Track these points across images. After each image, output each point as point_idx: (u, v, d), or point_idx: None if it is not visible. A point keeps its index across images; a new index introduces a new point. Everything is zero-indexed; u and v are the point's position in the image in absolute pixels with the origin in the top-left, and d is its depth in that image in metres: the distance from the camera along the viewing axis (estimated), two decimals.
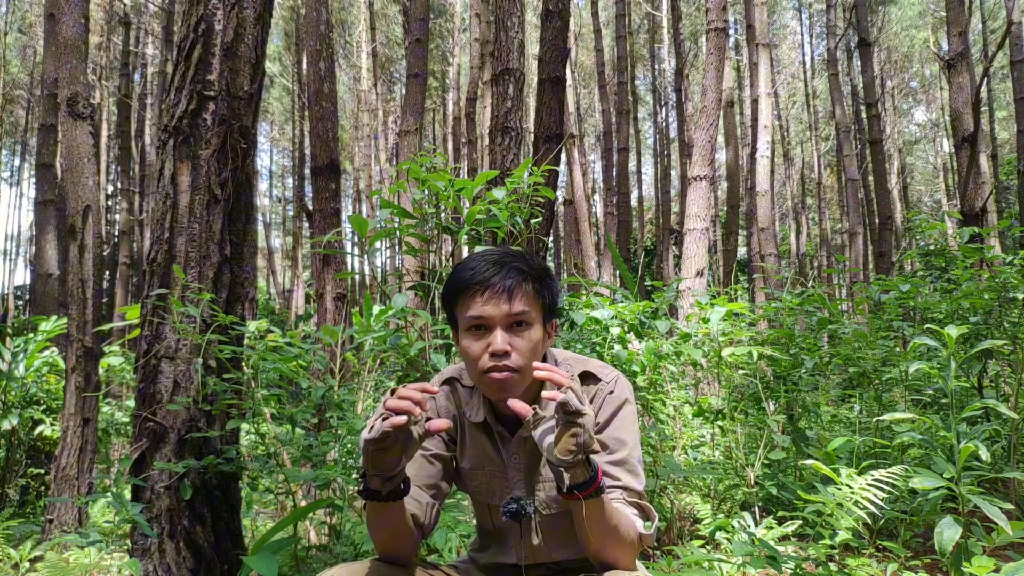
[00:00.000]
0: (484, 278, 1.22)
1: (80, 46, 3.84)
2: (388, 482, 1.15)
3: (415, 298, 6.51)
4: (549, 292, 1.28)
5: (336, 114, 7.00)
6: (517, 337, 1.23)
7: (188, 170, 2.58)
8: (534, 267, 1.27)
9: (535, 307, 1.25)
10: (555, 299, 1.30)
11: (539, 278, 1.27)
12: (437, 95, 27.05)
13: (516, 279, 1.23)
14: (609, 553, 1.19)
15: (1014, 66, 11.81)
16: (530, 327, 1.24)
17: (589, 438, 1.04)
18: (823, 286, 7.38)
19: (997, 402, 2.07)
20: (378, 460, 1.10)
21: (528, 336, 1.23)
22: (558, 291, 1.32)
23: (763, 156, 10.21)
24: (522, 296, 1.23)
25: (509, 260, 1.25)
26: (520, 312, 1.22)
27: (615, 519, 1.16)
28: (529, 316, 1.24)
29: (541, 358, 1.28)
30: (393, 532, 1.24)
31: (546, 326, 1.29)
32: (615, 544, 1.18)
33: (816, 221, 30.69)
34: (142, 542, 2.40)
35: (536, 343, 1.24)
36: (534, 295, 1.25)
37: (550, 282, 1.29)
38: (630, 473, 1.27)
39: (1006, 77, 23.87)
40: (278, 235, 37.52)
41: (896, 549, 2.36)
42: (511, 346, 1.22)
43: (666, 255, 19.50)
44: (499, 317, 1.22)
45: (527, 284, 1.24)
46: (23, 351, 4.53)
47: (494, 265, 1.24)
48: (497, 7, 5.06)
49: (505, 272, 1.23)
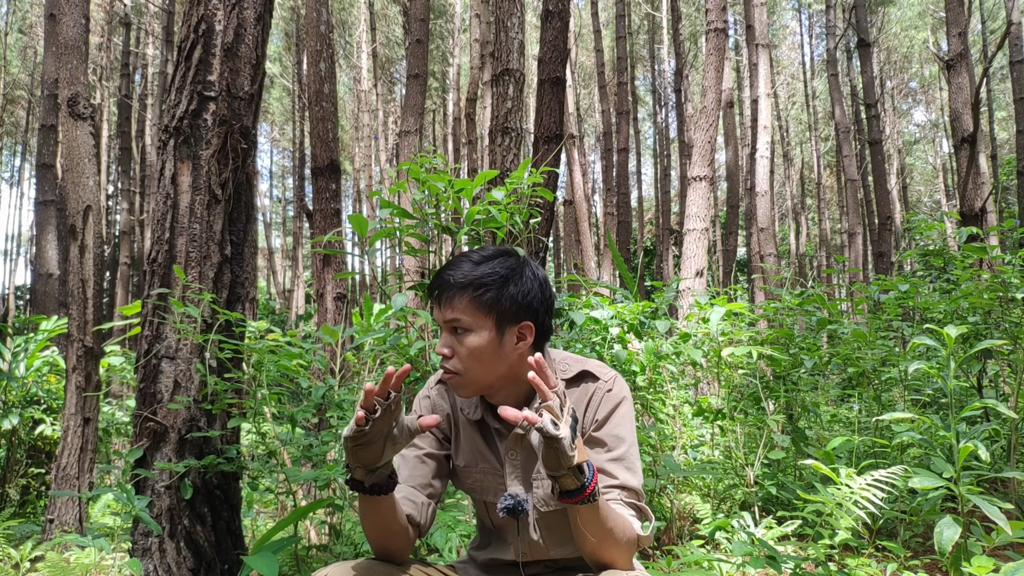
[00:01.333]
0: (437, 283, 1.28)
1: (80, 46, 3.84)
2: (371, 475, 1.17)
3: (415, 298, 6.51)
4: (501, 297, 1.25)
5: (336, 114, 7.01)
6: (456, 342, 1.26)
7: (188, 170, 2.59)
8: (479, 274, 1.25)
9: (473, 314, 1.24)
10: (514, 301, 1.27)
11: (481, 285, 1.25)
12: (437, 95, 27.05)
13: (456, 288, 1.25)
14: (606, 555, 1.20)
15: (1014, 66, 11.83)
16: (468, 333, 1.25)
17: (567, 457, 1.06)
18: (822, 286, 7.38)
19: (997, 402, 2.07)
20: (359, 454, 1.14)
21: (466, 343, 1.25)
22: (525, 293, 1.28)
23: (763, 156, 10.21)
24: (457, 303, 1.25)
25: (457, 266, 1.28)
26: (453, 319, 1.25)
27: (611, 521, 1.17)
28: (465, 323, 1.25)
29: (497, 362, 1.27)
30: (384, 528, 1.25)
31: (503, 330, 1.27)
32: (611, 546, 1.18)
33: (816, 221, 30.68)
34: (142, 542, 2.40)
35: (475, 349, 1.24)
36: (469, 302, 1.24)
37: (506, 287, 1.26)
38: (628, 470, 1.28)
39: (1006, 77, 23.87)
40: (278, 235, 37.53)
41: (896, 549, 2.37)
42: (450, 350, 1.27)
43: (666, 255, 19.50)
44: (442, 321, 1.28)
45: (465, 292, 1.24)
46: (24, 351, 4.53)
47: (449, 268, 1.28)
48: (497, 7, 5.06)
49: (451, 278, 1.26)
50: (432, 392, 1.43)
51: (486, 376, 1.28)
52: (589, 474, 1.10)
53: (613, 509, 1.20)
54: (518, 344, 1.29)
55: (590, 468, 1.11)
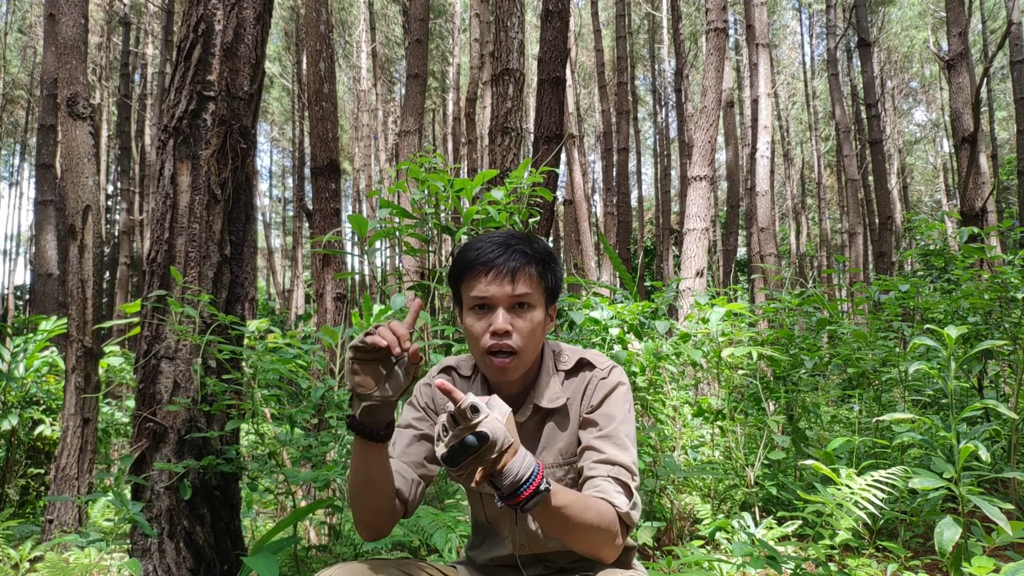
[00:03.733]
0: (489, 259, 1.25)
1: (80, 46, 3.84)
2: (366, 410, 1.16)
3: (415, 298, 6.50)
4: (552, 276, 1.31)
5: (336, 114, 7.00)
6: (519, 318, 1.26)
7: (188, 170, 2.58)
8: (538, 250, 1.30)
9: (538, 290, 1.28)
10: (558, 283, 1.33)
11: (543, 261, 1.29)
12: (437, 95, 27.05)
13: (520, 261, 1.25)
14: (583, 544, 1.19)
15: (1014, 66, 11.82)
16: (532, 309, 1.27)
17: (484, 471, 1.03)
18: (823, 286, 7.38)
19: (997, 402, 2.07)
20: (356, 371, 1.13)
21: (530, 318, 1.26)
22: (561, 275, 1.35)
23: (763, 156, 10.21)
24: (525, 278, 1.25)
25: (514, 242, 1.28)
26: (523, 294, 1.25)
27: (579, 517, 1.15)
28: (531, 298, 1.26)
29: (542, 339, 1.32)
30: (372, 489, 1.23)
31: (548, 309, 1.32)
32: (586, 533, 1.17)
33: (816, 221, 30.69)
34: (142, 542, 2.40)
35: (536, 325, 1.28)
36: (537, 278, 1.27)
37: (553, 266, 1.31)
38: (616, 446, 1.27)
39: (1006, 77, 23.87)
40: (278, 235, 37.53)
41: (896, 549, 2.36)
42: (512, 327, 1.25)
43: (666, 255, 19.50)
44: (502, 298, 1.25)
45: (531, 267, 1.26)
46: (23, 351, 4.52)
47: (500, 246, 1.26)
48: (497, 7, 5.06)
49: (510, 254, 1.25)
50: (434, 380, 1.43)
51: (532, 357, 1.30)
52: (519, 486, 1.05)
53: (579, 501, 1.16)
54: (548, 324, 1.33)
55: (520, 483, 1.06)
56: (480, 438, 1.00)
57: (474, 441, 1.00)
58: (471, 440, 1.00)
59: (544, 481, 1.07)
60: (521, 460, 1.06)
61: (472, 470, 1.02)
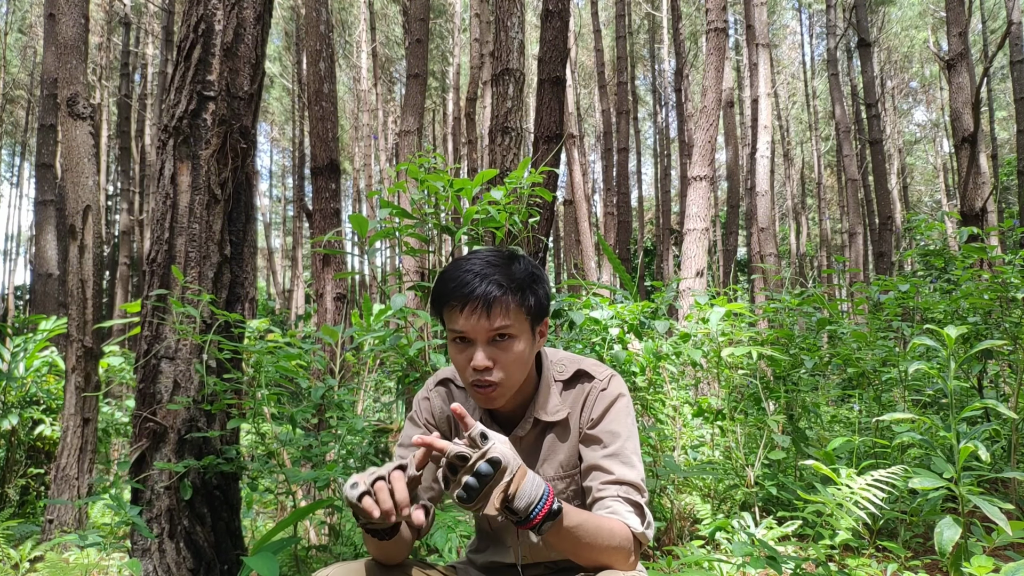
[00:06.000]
0: (463, 294, 1.19)
1: (80, 46, 3.84)
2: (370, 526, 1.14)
3: (415, 298, 6.51)
4: (535, 298, 1.24)
5: (336, 114, 7.00)
6: (500, 351, 1.21)
7: (188, 170, 2.58)
8: (517, 275, 1.23)
9: (518, 318, 1.21)
10: (542, 302, 1.26)
11: (522, 287, 1.22)
12: (437, 95, 27.05)
13: (496, 293, 1.19)
14: (596, 563, 1.19)
15: (1014, 66, 11.82)
16: (513, 339, 1.21)
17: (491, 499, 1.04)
18: (823, 286, 7.38)
19: (997, 402, 2.07)
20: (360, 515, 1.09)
21: (511, 349, 1.21)
22: (547, 291, 1.28)
23: (763, 156, 10.21)
24: (502, 311, 1.19)
25: (490, 272, 1.20)
26: (501, 327, 1.19)
27: (592, 537, 1.14)
28: (512, 329, 1.21)
29: (529, 364, 1.27)
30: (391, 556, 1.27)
31: (535, 330, 1.27)
32: (600, 553, 1.17)
33: (816, 221, 30.69)
34: (142, 542, 2.40)
35: (519, 355, 1.22)
36: (516, 307, 1.21)
37: (536, 287, 1.25)
38: (624, 464, 1.26)
39: (1006, 77, 23.87)
40: (278, 235, 37.52)
41: (896, 549, 2.36)
42: (493, 361, 1.20)
43: (666, 255, 19.50)
44: (480, 332, 1.19)
45: (508, 296, 1.20)
46: (23, 351, 4.52)
47: (476, 276, 1.20)
48: (497, 7, 5.06)
49: (486, 285, 1.18)
50: (432, 394, 1.42)
51: (520, 381, 1.25)
52: (532, 510, 1.06)
53: (599, 519, 1.17)
54: (538, 343, 1.29)
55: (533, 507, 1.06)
56: (493, 464, 1.01)
57: (488, 469, 1.01)
58: (485, 468, 1.01)
59: (556, 501, 1.08)
60: (531, 482, 1.07)
61: (487, 499, 1.03)
